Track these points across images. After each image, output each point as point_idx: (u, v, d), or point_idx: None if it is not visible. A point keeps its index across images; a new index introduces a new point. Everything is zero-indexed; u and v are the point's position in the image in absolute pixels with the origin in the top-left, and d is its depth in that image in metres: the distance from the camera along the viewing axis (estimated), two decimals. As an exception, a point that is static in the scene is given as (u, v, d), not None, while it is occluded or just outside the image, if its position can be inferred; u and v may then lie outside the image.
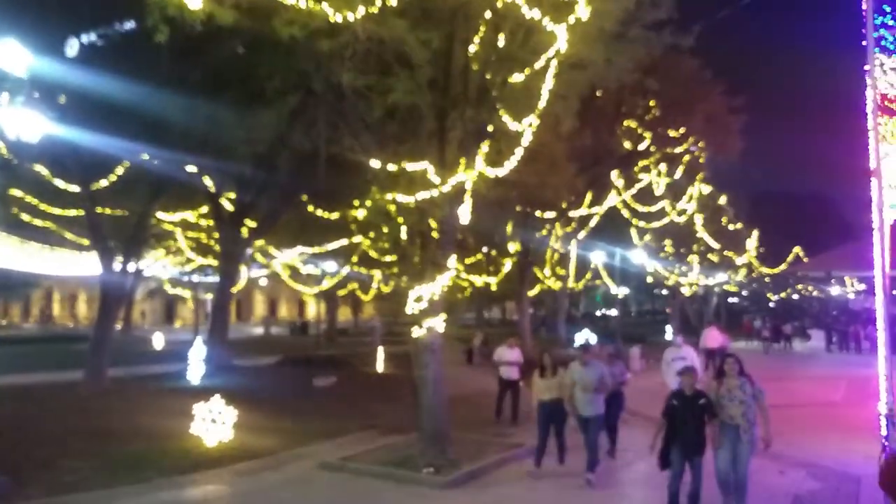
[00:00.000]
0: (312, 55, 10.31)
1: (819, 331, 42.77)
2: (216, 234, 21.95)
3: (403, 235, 11.22)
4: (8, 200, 19.09)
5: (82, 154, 14.81)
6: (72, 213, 19.03)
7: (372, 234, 18.31)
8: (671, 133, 24.64)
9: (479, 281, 30.18)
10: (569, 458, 9.95)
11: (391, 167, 10.51)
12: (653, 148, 25.11)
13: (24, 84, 8.81)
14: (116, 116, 13.35)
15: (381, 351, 23.93)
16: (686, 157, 26.54)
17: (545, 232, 26.64)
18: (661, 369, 13.55)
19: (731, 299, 61.85)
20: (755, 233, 44.31)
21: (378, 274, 30.61)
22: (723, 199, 36.83)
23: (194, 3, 7.91)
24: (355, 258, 27.87)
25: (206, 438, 10.50)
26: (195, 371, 18.08)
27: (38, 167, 16.09)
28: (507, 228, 25.25)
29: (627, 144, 25.13)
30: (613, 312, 49.16)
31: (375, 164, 10.75)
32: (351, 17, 8.51)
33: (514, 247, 27.46)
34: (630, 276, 41.93)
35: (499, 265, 30.04)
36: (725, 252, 40.94)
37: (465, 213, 10.58)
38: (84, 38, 13.74)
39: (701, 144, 25.86)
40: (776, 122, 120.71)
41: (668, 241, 36.39)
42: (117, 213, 18.71)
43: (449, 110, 10.43)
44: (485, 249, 31.94)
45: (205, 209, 21.47)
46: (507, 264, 28.40)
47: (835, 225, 57.70)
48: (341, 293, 41.37)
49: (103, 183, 16.25)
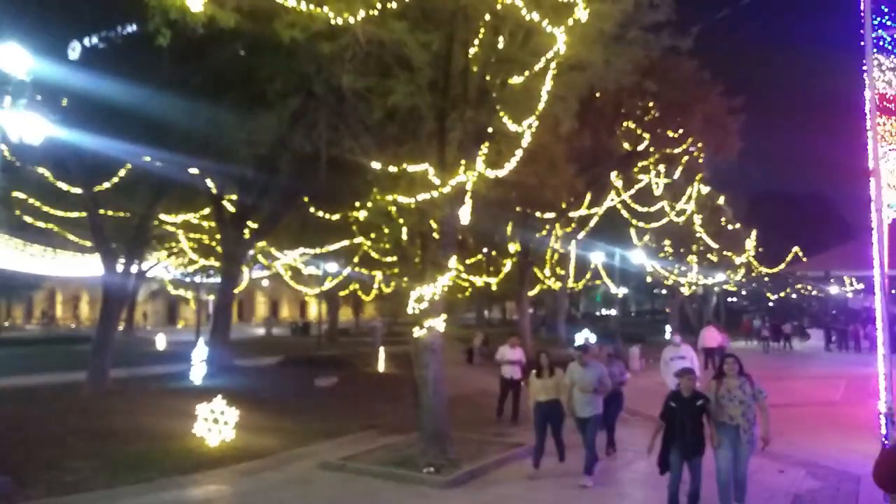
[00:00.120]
0: (313, 58, 10.37)
1: (818, 330, 42.82)
2: (218, 236, 21.97)
3: (404, 236, 11.28)
4: (11, 203, 19.18)
5: (84, 156, 14.87)
6: (74, 214, 19.12)
7: (373, 235, 18.37)
8: (670, 134, 24.61)
9: (480, 281, 30.26)
10: (569, 457, 9.94)
11: (392, 168, 10.57)
12: (652, 148, 25.11)
13: (27, 87, 8.82)
14: (118, 119, 13.39)
15: (382, 351, 23.95)
16: (685, 158, 26.50)
17: (545, 232, 26.64)
18: (659, 369, 13.58)
19: (731, 299, 61.87)
20: (754, 232, 44.26)
21: (379, 274, 30.56)
22: (721, 200, 36.81)
23: (196, 6, 7.96)
24: (356, 259, 27.89)
25: (208, 438, 10.55)
26: (197, 371, 18.15)
27: (40, 169, 16.19)
28: (506, 229, 25.31)
29: (626, 145, 25.14)
30: (613, 312, 49.18)
31: (376, 165, 10.82)
32: (351, 20, 8.56)
33: (513, 247, 27.51)
34: (629, 276, 41.97)
35: (499, 265, 30.11)
36: (724, 252, 40.92)
37: (465, 214, 10.63)
38: (86, 40, 13.79)
39: (700, 145, 25.85)
40: (775, 123, 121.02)
41: (667, 241, 36.37)
42: (119, 214, 18.79)
43: (449, 112, 10.46)
44: (485, 250, 32.02)
45: (207, 211, 21.54)
46: (507, 264, 28.46)
47: (834, 225, 57.79)
48: (342, 294, 41.36)
49: (105, 185, 16.34)
